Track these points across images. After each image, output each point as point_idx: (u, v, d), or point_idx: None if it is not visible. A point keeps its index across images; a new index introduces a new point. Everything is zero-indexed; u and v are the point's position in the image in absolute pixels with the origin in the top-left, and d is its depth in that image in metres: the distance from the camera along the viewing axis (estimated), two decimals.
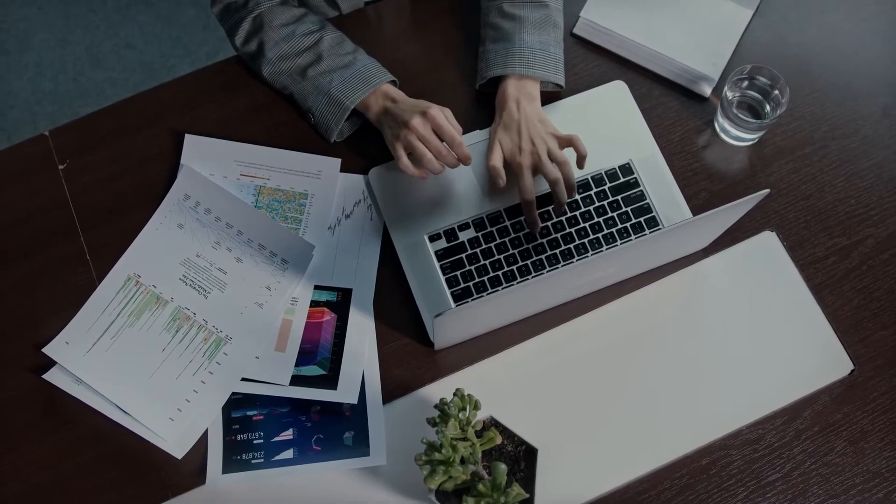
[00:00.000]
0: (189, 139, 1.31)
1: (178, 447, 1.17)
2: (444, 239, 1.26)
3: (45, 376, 1.19)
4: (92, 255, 1.26)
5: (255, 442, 1.17)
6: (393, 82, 1.30)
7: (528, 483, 1.08)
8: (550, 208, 1.27)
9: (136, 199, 1.29)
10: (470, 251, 1.25)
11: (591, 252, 1.25)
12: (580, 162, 1.23)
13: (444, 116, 1.23)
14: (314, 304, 1.23)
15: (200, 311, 1.22)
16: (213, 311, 1.22)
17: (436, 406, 1.03)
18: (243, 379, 1.19)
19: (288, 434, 1.18)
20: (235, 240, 1.26)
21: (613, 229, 1.27)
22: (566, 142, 1.24)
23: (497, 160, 1.24)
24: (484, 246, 1.25)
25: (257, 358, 1.20)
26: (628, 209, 1.27)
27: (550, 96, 1.34)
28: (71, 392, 1.18)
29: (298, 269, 1.24)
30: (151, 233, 1.26)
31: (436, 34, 1.39)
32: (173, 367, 1.20)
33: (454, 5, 1.40)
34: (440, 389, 1.19)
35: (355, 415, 1.18)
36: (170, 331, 1.21)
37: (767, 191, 1.04)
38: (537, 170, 1.23)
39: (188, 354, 1.20)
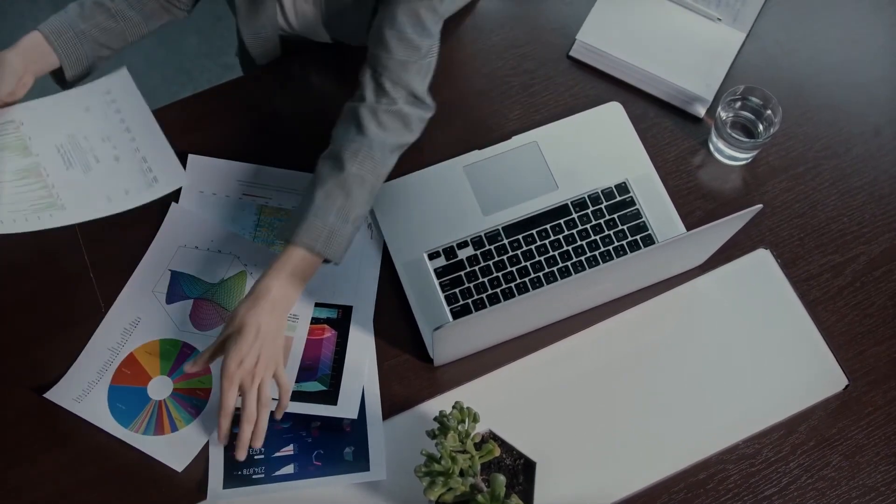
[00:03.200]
0: (192, 159, 1.33)
1: (177, 458, 1.17)
2: (443, 257, 1.27)
3: (46, 395, 1.19)
4: (95, 271, 1.27)
5: (255, 457, 1.18)
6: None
7: (527, 497, 1.09)
8: (534, 231, 1.29)
9: (138, 215, 1.30)
10: (469, 269, 1.27)
11: (588, 269, 1.27)
12: (278, 411, 1.17)
13: None
14: (315, 321, 1.25)
15: (54, 175, 1.28)
16: (65, 182, 1.28)
17: (435, 418, 1.04)
18: None
19: (288, 449, 1.18)
20: (123, 139, 1.32)
21: (610, 247, 1.28)
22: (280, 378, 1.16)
23: (201, 363, 1.16)
24: (482, 264, 1.27)
25: None
26: (625, 227, 1.29)
27: (543, 119, 1.36)
28: (72, 409, 1.19)
29: (164, 188, 1.30)
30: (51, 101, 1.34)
31: None
32: None
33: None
34: (439, 405, 1.20)
35: (355, 430, 1.19)
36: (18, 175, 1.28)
37: (760, 206, 1.06)
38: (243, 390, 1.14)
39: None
